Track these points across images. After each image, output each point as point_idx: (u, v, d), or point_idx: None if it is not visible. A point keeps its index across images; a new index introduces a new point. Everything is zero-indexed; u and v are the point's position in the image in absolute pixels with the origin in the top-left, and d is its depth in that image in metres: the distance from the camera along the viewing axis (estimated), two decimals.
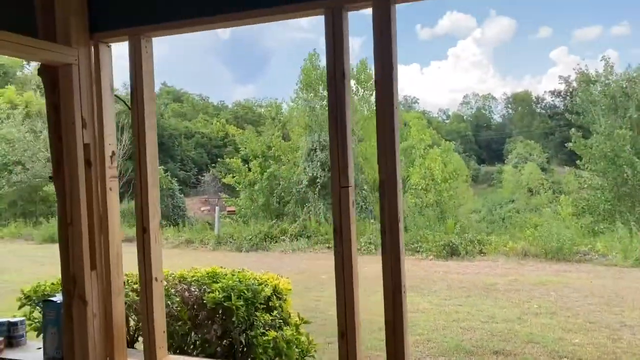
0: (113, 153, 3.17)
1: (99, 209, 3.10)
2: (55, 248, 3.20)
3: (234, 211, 19.45)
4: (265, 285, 3.56)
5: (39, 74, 3.18)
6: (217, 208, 18.80)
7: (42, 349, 3.53)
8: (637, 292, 9.42)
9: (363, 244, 15.69)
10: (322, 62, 20.96)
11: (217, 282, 3.58)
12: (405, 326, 2.55)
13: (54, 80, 3.07)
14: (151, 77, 3.07)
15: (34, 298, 3.86)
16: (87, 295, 3.04)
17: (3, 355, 3.44)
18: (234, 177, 19.76)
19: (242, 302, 3.35)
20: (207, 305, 3.39)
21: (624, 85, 20.00)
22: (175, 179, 24.40)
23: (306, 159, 18.75)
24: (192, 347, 3.43)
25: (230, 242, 17.18)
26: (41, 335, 3.47)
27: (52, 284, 3.92)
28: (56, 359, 3.24)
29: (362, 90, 21.93)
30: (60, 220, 3.10)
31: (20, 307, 3.94)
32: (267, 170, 19.43)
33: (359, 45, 37.38)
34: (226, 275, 3.74)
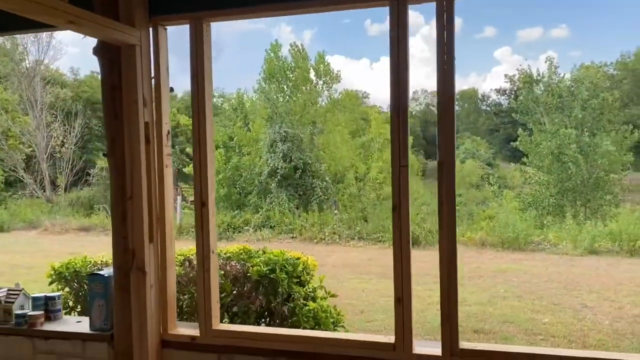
0: (168, 132, 3.31)
1: (156, 184, 3.23)
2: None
3: None
4: (299, 261, 3.79)
5: (94, 53, 3.26)
6: (178, 198, 18.60)
7: (81, 322, 3.64)
8: (590, 278, 10.21)
9: (327, 234, 16.03)
10: (284, 52, 21.09)
11: (253, 258, 3.77)
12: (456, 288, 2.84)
13: (112, 60, 3.17)
14: (210, 61, 3.22)
15: (65, 274, 3.91)
16: (146, 266, 3.17)
17: (44, 328, 3.50)
18: None
19: (285, 275, 3.57)
20: (251, 278, 3.58)
21: (569, 85, 21.23)
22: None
23: (268, 150, 18.85)
24: (234, 317, 3.60)
25: (193, 232, 17.09)
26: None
27: (83, 260, 3.98)
28: (104, 330, 3.35)
29: (322, 82, 22.16)
30: (116, 195, 3.21)
31: (50, 283, 3.99)
32: (232, 161, 19.40)
33: (309, 38, 37.54)
34: (257, 252, 3.93)
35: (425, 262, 12.51)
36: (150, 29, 3.21)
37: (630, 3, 33.33)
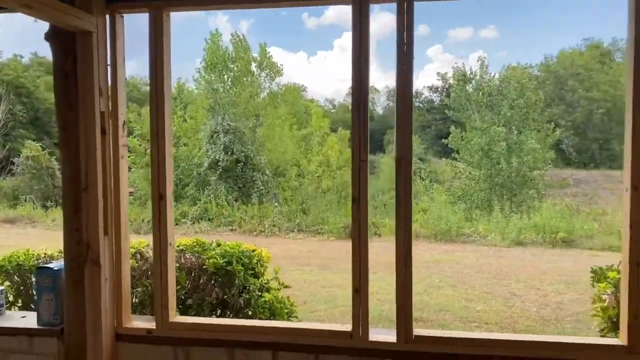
0: (124, 122, 3.24)
1: (111, 176, 3.16)
2: None
3: (132, 192, 18.71)
4: (254, 253, 3.82)
5: (46, 38, 3.14)
6: None
7: (26, 317, 3.51)
8: (518, 268, 10.84)
9: (267, 226, 16.04)
10: (225, 42, 20.75)
11: (207, 250, 3.77)
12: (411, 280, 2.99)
13: (66, 47, 3.06)
14: (169, 51, 3.18)
15: (7, 267, 3.75)
16: (100, 259, 3.11)
17: None
18: (129, 157, 18.87)
19: (241, 267, 3.59)
20: (207, 270, 3.57)
21: (498, 84, 22.26)
22: (55, 158, 22.60)
23: (208, 141, 18.55)
24: (187, 310, 3.59)
25: (132, 223, 16.62)
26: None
27: (26, 253, 3.83)
28: (54, 325, 3.25)
29: (264, 75, 22.02)
30: (69, 186, 3.11)
31: None
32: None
33: (246, 29, 37.07)
34: (211, 244, 3.93)
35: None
36: (107, 16, 3.13)
37: (553, 9, 35.30)
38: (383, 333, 3.09)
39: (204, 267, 3.61)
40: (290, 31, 39.38)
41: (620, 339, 2.76)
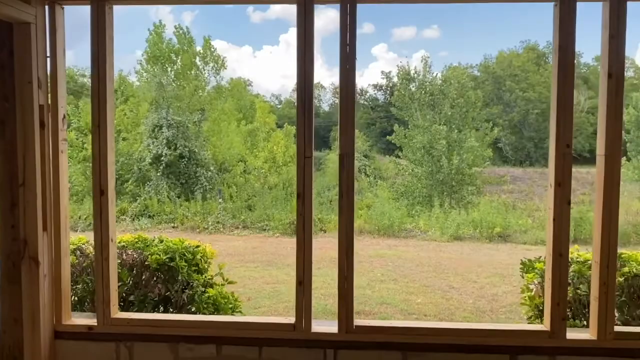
0: (64, 116, 3.17)
1: (50, 171, 3.10)
2: None
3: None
4: (198, 249, 3.83)
5: None
6: None
7: None
8: (456, 262, 11.24)
9: (211, 223, 15.86)
10: (169, 34, 20.29)
11: (150, 246, 3.75)
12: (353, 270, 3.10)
13: (2, 38, 2.98)
14: (112, 44, 3.14)
15: None
16: (39, 256, 3.04)
17: None
18: None
19: (184, 263, 3.59)
20: (150, 266, 3.55)
21: (440, 84, 22.92)
22: None
23: (150, 135, 18.10)
24: (129, 306, 3.56)
25: None
26: None
27: None
28: None
29: (210, 68, 21.70)
30: (4, 181, 3.03)
31: None
32: None
33: (190, 21, 36.26)
34: (153, 240, 3.90)
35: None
36: (47, 7, 3.06)
37: (492, 12, 36.64)
38: (325, 324, 3.19)
39: (146, 263, 3.59)
40: (235, 24, 38.87)
41: (544, 325, 2.97)
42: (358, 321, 3.11)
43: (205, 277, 3.85)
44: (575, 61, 2.82)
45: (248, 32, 40.13)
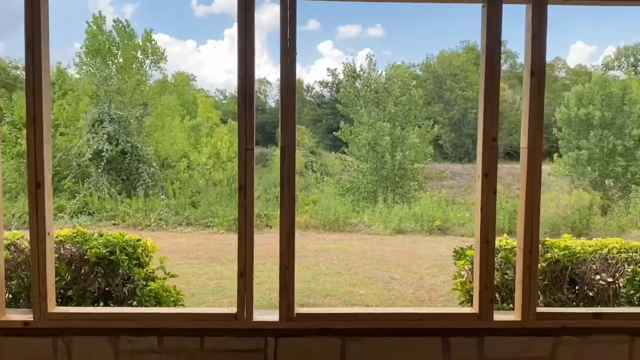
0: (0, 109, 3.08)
1: None
2: None
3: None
4: (139, 242, 3.80)
5: None
6: None
7: None
8: (398, 254, 11.56)
9: (153, 220, 15.57)
10: (109, 26, 19.67)
11: (89, 240, 3.69)
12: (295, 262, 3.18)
13: None
14: (47, 33, 3.07)
15: None
16: None
17: None
18: None
19: (125, 257, 3.56)
20: (89, 260, 3.50)
21: (384, 82, 23.38)
22: None
23: (90, 130, 17.51)
24: (68, 301, 3.50)
25: None
26: None
27: None
28: None
29: (149, 62, 21.20)
30: None
31: None
32: None
33: (131, 13, 35.18)
34: (93, 235, 3.85)
35: (256, 245, 13.02)
36: None
37: (433, 13, 37.60)
38: (267, 313, 3.26)
39: (85, 257, 3.54)
40: (179, 18, 38.05)
41: (473, 308, 3.16)
42: (299, 309, 3.20)
43: (147, 270, 3.84)
44: (502, 60, 3.01)
45: (192, 26, 39.34)
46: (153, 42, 20.82)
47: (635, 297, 3.85)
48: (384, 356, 3.10)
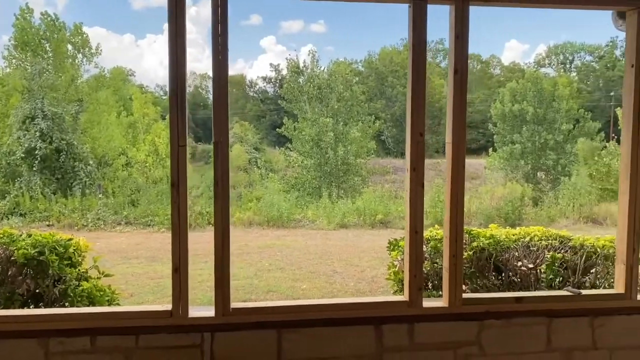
0: None
1: None
2: None
3: None
4: (71, 242, 3.71)
5: None
6: None
7: None
8: (341, 248, 11.75)
9: (90, 220, 15.08)
10: (36, 19, 18.83)
11: (17, 241, 3.57)
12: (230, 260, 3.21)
13: None
14: None
15: None
16: None
17: None
18: None
19: (55, 257, 3.47)
20: (16, 262, 3.38)
21: (327, 78, 23.57)
22: None
23: (20, 127, 16.70)
24: None
25: None
26: None
27: None
28: None
29: (81, 56, 20.47)
30: None
31: None
32: None
33: (64, 5, 33.69)
34: (21, 235, 3.73)
35: (194, 244, 12.83)
36: None
37: (374, 10, 38.14)
38: (202, 309, 3.27)
39: (12, 258, 3.42)
40: (115, 10, 36.82)
41: (404, 296, 3.29)
42: (235, 304, 3.22)
43: (79, 270, 3.75)
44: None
45: (129, 20, 38.25)
46: (84, 35, 20.15)
47: (555, 282, 4.11)
48: (320, 346, 3.18)
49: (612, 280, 3.67)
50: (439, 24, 3.36)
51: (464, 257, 3.53)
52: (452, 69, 3.17)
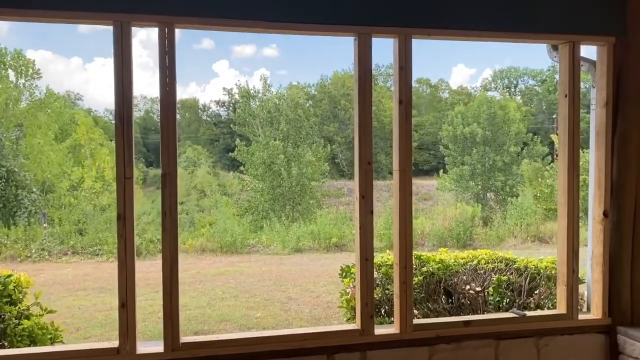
0: None
1: None
2: None
3: None
4: (10, 279, 3.55)
5: None
6: None
7: None
8: (295, 273, 11.68)
9: (35, 250, 14.45)
10: None
11: None
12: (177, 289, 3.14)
13: None
14: None
15: None
16: None
17: None
18: None
19: None
20: None
21: (277, 102, 23.74)
22: None
23: None
24: None
25: None
26: None
27: None
28: None
29: (23, 80, 19.88)
30: None
31: None
32: None
33: (9, 28, 32.72)
34: None
35: (146, 272, 12.52)
36: None
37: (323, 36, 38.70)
38: (151, 345, 3.18)
39: None
40: (62, 34, 35.98)
41: (356, 324, 3.30)
42: (185, 338, 3.15)
43: (20, 307, 3.59)
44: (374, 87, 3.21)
45: (76, 43, 37.39)
46: (26, 59, 19.65)
47: (502, 303, 4.22)
48: None
49: (555, 300, 3.81)
50: (392, 49, 3.44)
51: (414, 282, 3.58)
52: (397, 99, 3.26)
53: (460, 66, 50.04)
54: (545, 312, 3.83)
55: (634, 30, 3.49)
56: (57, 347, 3.26)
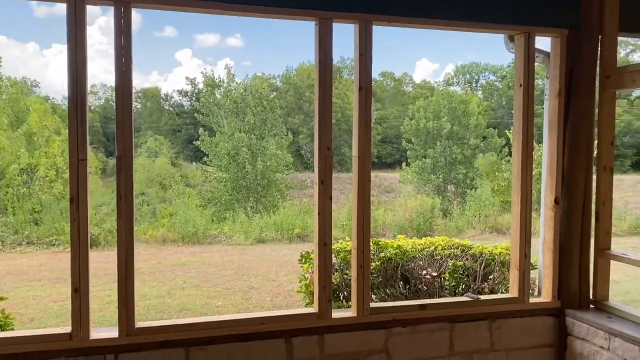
0: None
1: None
2: None
3: None
4: None
5: None
6: None
7: None
8: (258, 263, 11.66)
9: None
10: None
11: None
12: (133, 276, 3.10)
13: None
14: None
15: None
16: None
17: None
18: None
19: None
20: None
21: (242, 92, 23.50)
22: None
23: None
24: None
25: None
26: None
27: None
28: None
29: None
30: None
31: None
32: None
33: None
34: None
35: (104, 263, 12.28)
36: None
37: (291, 26, 38.58)
38: (104, 330, 3.12)
39: None
40: (17, 18, 34.63)
41: (314, 308, 3.32)
42: (140, 323, 3.11)
43: None
44: (336, 75, 3.22)
45: (33, 28, 36.13)
46: None
47: (458, 289, 4.32)
48: None
49: (508, 285, 3.92)
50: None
51: (372, 267, 3.63)
52: (357, 85, 3.27)
53: (424, 60, 50.67)
54: (499, 295, 3.95)
55: (586, 24, 3.61)
56: (8, 333, 3.17)
